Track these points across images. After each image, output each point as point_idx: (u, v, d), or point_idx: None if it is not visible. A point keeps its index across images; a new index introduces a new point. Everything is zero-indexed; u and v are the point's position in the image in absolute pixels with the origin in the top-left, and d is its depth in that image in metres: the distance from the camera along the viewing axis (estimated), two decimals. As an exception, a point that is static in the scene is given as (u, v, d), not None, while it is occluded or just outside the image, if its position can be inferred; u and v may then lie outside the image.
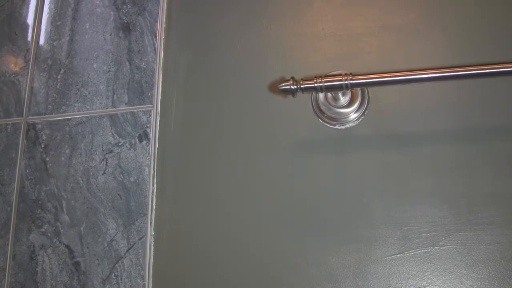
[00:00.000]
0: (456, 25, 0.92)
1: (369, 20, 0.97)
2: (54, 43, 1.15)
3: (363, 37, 0.96)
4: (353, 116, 0.92)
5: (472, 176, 0.86)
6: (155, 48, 1.07)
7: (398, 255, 0.86)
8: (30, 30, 1.18)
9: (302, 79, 0.83)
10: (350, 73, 0.81)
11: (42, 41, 1.17)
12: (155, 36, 1.08)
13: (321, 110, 0.93)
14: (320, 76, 0.82)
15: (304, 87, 0.83)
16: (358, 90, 0.92)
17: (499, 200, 0.84)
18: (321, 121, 0.93)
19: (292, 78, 0.83)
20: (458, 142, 0.88)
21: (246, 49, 1.02)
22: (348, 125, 0.92)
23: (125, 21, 1.11)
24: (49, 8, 1.18)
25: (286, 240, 0.92)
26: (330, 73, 0.84)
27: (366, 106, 0.92)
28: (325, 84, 0.82)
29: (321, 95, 0.93)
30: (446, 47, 0.92)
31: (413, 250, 0.85)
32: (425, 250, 0.85)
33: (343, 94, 0.91)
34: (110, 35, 1.12)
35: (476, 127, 0.88)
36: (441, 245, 0.84)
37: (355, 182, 0.91)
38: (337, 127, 0.93)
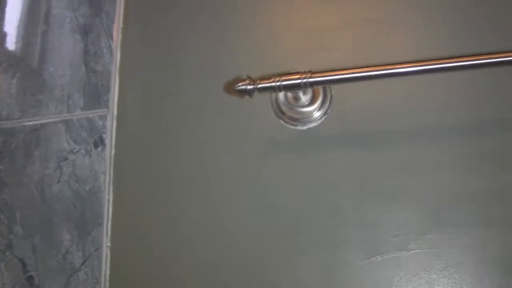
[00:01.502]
0: (428, 18, 0.89)
1: (337, 14, 0.93)
2: (9, 47, 1.10)
3: (329, 33, 0.92)
4: (315, 115, 0.87)
5: (439, 175, 0.81)
6: (111, 50, 1.03)
7: (366, 261, 0.81)
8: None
9: (259, 78, 0.79)
10: (309, 71, 0.77)
11: (-4, 45, 1.12)
12: (112, 38, 1.04)
13: (281, 111, 0.89)
14: (278, 75, 0.78)
15: (262, 87, 0.78)
16: (320, 88, 0.88)
17: (469, 199, 0.79)
18: (283, 122, 0.89)
19: (249, 77, 0.79)
20: (425, 140, 0.83)
21: (204, 49, 0.98)
22: (310, 125, 0.88)
23: (82, 23, 1.07)
24: (3, 11, 1.13)
25: (250, 245, 0.87)
26: (289, 72, 0.79)
27: (329, 105, 0.87)
28: (283, 83, 0.77)
29: (281, 95, 0.88)
30: (418, 42, 0.88)
31: (380, 255, 0.80)
32: (393, 255, 0.80)
33: (304, 93, 0.87)
34: (66, 37, 1.07)
35: (442, 124, 0.84)
36: (410, 249, 0.79)
37: (321, 183, 0.86)
38: (299, 127, 0.88)
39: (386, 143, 0.85)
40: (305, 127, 0.88)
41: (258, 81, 0.78)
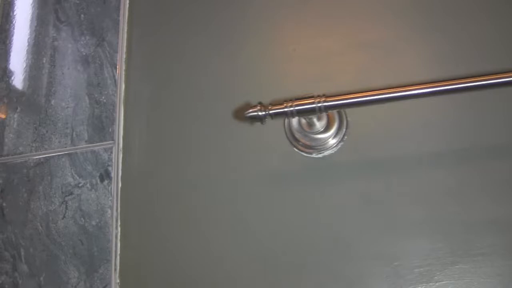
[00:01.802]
0: (434, 39, 0.85)
1: (343, 38, 0.90)
2: (10, 80, 1.08)
3: (337, 57, 0.89)
4: (331, 142, 0.84)
5: (466, 202, 0.77)
6: (115, 80, 1.00)
7: (388, 295, 0.77)
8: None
9: (270, 104, 0.75)
10: (324, 95, 0.74)
11: (-2, 78, 1.09)
12: (115, 68, 1.01)
13: (295, 138, 0.85)
14: (291, 100, 0.75)
15: (274, 112, 0.75)
16: (335, 113, 0.84)
17: (498, 227, 0.75)
18: (296, 150, 0.85)
19: (260, 103, 0.75)
20: (449, 165, 0.79)
21: (211, 76, 0.95)
22: (326, 153, 0.84)
23: (84, 53, 1.04)
24: (3, 43, 1.11)
25: (258, 282, 0.82)
26: (301, 96, 0.76)
27: (345, 131, 0.84)
28: (296, 108, 0.74)
29: (294, 121, 0.85)
30: (426, 63, 0.85)
31: (404, 288, 0.76)
32: (419, 287, 0.76)
33: (319, 119, 0.83)
34: (68, 69, 1.04)
35: (468, 148, 0.80)
36: (437, 281, 0.75)
37: (336, 215, 0.82)
38: (314, 155, 0.85)
39: (407, 170, 0.81)
40: (320, 155, 0.84)
41: (269, 107, 0.75)
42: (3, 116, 1.05)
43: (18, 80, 1.07)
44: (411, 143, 0.82)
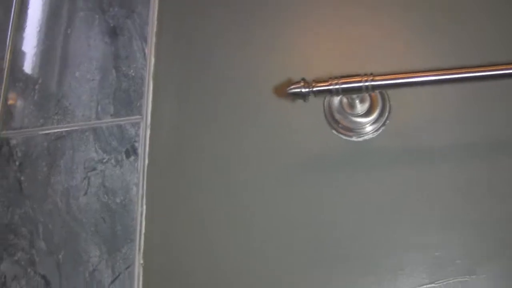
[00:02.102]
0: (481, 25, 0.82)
1: (390, 19, 0.86)
2: (32, 51, 1.04)
3: (383, 38, 0.86)
4: (372, 126, 0.81)
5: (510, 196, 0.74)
6: (145, 54, 0.96)
7: (429, 285, 0.74)
8: (5, 37, 1.06)
9: (314, 80, 0.72)
10: (371, 74, 0.70)
11: (18, 48, 1.05)
12: (145, 41, 0.97)
13: (335, 119, 0.82)
14: (336, 77, 0.71)
15: (318, 90, 0.71)
16: (379, 96, 0.81)
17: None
18: (335, 132, 0.82)
19: (303, 79, 0.72)
20: (498, 156, 0.76)
21: (248, 50, 0.91)
22: (366, 137, 0.81)
23: (112, 25, 1.00)
24: (26, 13, 1.07)
25: (294, 272, 0.79)
26: (347, 74, 0.73)
27: (387, 116, 0.81)
28: (342, 86, 0.71)
29: (335, 102, 0.82)
30: (474, 48, 0.81)
31: (445, 280, 0.73)
32: (460, 280, 0.73)
33: (361, 101, 0.80)
34: (95, 40, 1.00)
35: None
36: (479, 274, 0.72)
37: (376, 202, 0.79)
38: (354, 138, 0.81)
39: (450, 158, 0.78)
40: (360, 139, 0.81)
41: (313, 84, 0.71)
42: (23, 87, 1.01)
43: (40, 51, 1.03)
44: (457, 133, 0.79)
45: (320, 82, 0.71)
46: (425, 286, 0.74)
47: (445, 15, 0.84)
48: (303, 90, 0.71)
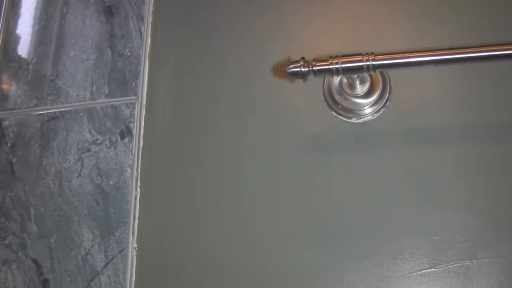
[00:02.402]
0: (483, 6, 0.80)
1: (389, 0, 0.85)
2: (26, 30, 1.02)
3: (383, 21, 0.84)
4: (372, 108, 0.79)
5: (513, 178, 0.73)
6: (141, 33, 0.94)
7: (429, 270, 0.72)
8: (-2, 16, 1.05)
9: (314, 59, 0.70)
10: (372, 53, 0.68)
11: (12, 27, 1.03)
12: (142, 20, 0.95)
13: (334, 100, 0.80)
14: (337, 56, 0.69)
15: (318, 69, 0.69)
16: (379, 77, 0.79)
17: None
18: (335, 114, 0.80)
19: (303, 58, 0.70)
20: (499, 137, 0.75)
21: (246, 30, 0.89)
22: (366, 118, 0.79)
23: (108, 4, 0.98)
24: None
25: (294, 254, 0.77)
26: (348, 53, 0.71)
27: (388, 97, 0.79)
28: (343, 65, 0.69)
29: (335, 82, 0.80)
30: (477, 31, 0.80)
31: (446, 264, 0.71)
32: (460, 264, 0.71)
33: (361, 82, 0.78)
34: (90, 19, 0.98)
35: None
36: (480, 258, 0.71)
37: (375, 185, 0.77)
38: (353, 120, 0.80)
39: (451, 140, 0.76)
40: (360, 120, 0.79)
41: (313, 63, 0.69)
42: (16, 67, 0.99)
43: (34, 30, 1.01)
44: (458, 114, 0.77)
45: (320, 61, 0.69)
46: (425, 270, 0.72)
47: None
48: (303, 69, 0.69)
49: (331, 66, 0.69)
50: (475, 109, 0.77)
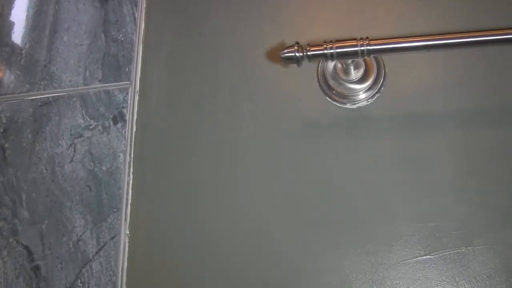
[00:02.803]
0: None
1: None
2: (20, 15, 1.00)
3: (378, 5, 0.83)
4: (367, 93, 0.78)
5: (510, 163, 0.72)
6: (135, 18, 0.93)
7: (424, 257, 0.71)
8: (-8, 2, 1.03)
9: (308, 44, 0.69)
10: (367, 38, 0.68)
11: (5, 12, 1.02)
12: (135, 5, 0.94)
13: (329, 86, 0.79)
14: (331, 41, 0.68)
15: (312, 54, 0.69)
16: (374, 63, 0.78)
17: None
18: (329, 99, 0.79)
19: (297, 43, 0.69)
20: (493, 123, 0.74)
21: (241, 16, 0.88)
22: (361, 104, 0.78)
23: (102, -11, 0.97)
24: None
25: (289, 241, 0.76)
26: (343, 38, 0.70)
27: (382, 82, 0.78)
28: (337, 50, 0.68)
29: (329, 68, 0.79)
30: (471, 15, 0.79)
31: (441, 251, 0.71)
32: (456, 251, 0.70)
33: (356, 67, 0.77)
34: (84, 4, 0.97)
35: (512, 107, 0.75)
36: (475, 245, 0.70)
37: (370, 171, 0.76)
38: (348, 106, 0.79)
39: (445, 126, 0.75)
40: (354, 106, 0.78)
41: (307, 48, 0.68)
42: (9, 52, 0.98)
43: (28, 15, 1.00)
44: (451, 99, 0.76)
45: (315, 46, 0.69)
46: (420, 258, 0.71)
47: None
48: (297, 54, 0.68)
49: (325, 51, 0.68)
50: (468, 95, 0.76)
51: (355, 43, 0.67)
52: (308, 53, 0.69)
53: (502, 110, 0.74)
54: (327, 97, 0.79)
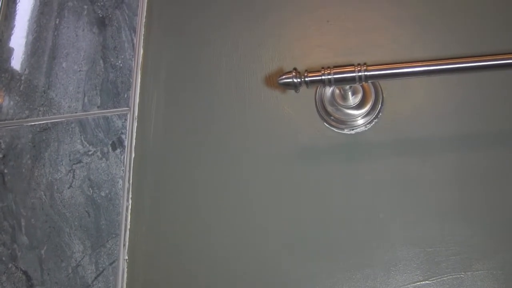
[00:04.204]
0: (474, 15, 0.80)
1: (380, 11, 0.84)
2: (19, 41, 1.01)
3: (374, 30, 0.84)
4: (365, 119, 0.78)
5: (508, 186, 0.72)
6: (133, 44, 0.94)
7: (423, 282, 0.71)
8: (-8, 27, 1.04)
9: (306, 70, 0.70)
10: (364, 63, 0.68)
11: (5, 38, 1.03)
12: (134, 31, 0.95)
13: (326, 111, 0.79)
14: (329, 67, 0.69)
15: (310, 79, 0.69)
16: (371, 88, 0.79)
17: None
18: (327, 125, 0.80)
19: (295, 69, 0.69)
20: (491, 147, 0.74)
21: (238, 42, 0.89)
22: (359, 129, 0.79)
23: (100, 15, 0.98)
24: (14, 2, 1.05)
25: (287, 266, 0.76)
26: (340, 64, 0.70)
27: (380, 108, 0.79)
28: (335, 76, 0.68)
29: (327, 93, 0.79)
30: (467, 40, 0.80)
31: (440, 276, 0.71)
32: (455, 276, 0.70)
33: (354, 93, 0.78)
34: (83, 30, 0.98)
35: (508, 131, 0.75)
36: (474, 270, 0.70)
37: (368, 196, 0.76)
38: (346, 131, 0.79)
39: (443, 152, 0.76)
40: (353, 131, 0.79)
41: (305, 74, 0.69)
42: (9, 78, 0.99)
43: (27, 41, 1.01)
44: (449, 124, 0.77)
45: (312, 72, 0.69)
46: (419, 283, 0.71)
47: (433, 9, 0.82)
48: (295, 80, 0.69)
49: (323, 77, 0.68)
50: (466, 119, 0.76)
51: (353, 69, 0.68)
52: (306, 79, 0.69)
53: (500, 135, 0.75)
54: (325, 123, 0.80)
